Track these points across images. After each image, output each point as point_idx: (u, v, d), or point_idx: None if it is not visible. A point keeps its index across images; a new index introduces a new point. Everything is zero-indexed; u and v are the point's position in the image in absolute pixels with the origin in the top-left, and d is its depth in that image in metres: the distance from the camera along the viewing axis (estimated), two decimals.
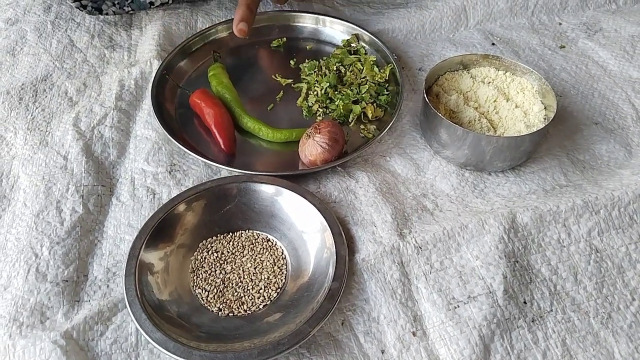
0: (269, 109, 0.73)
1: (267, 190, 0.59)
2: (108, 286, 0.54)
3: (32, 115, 0.72)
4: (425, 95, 0.65)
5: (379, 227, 0.57)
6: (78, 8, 0.83)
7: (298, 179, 0.64)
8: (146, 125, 0.70)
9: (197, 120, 0.71)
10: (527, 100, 0.68)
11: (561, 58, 0.82)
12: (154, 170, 0.64)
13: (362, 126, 0.71)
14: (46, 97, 0.74)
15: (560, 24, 0.89)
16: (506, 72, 0.71)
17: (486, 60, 0.71)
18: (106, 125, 0.69)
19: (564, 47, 0.84)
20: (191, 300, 0.53)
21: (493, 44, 0.84)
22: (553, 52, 0.83)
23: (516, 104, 0.68)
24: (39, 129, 0.70)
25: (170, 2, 0.86)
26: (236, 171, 0.63)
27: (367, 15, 0.88)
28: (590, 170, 0.66)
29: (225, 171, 0.65)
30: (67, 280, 0.53)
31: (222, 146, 0.66)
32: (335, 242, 0.54)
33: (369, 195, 0.61)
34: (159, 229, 0.55)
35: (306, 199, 0.58)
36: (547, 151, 0.68)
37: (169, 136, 0.66)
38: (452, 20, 0.87)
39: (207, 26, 0.83)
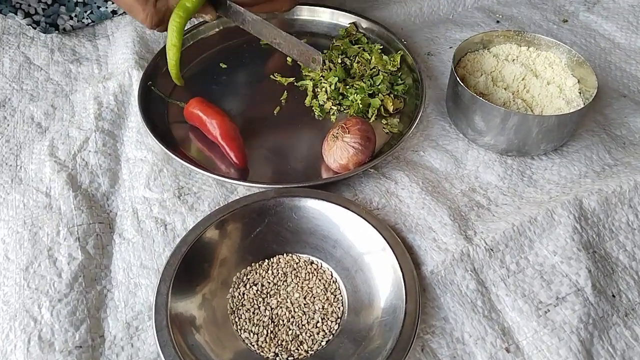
0: (275, 113, 0.65)
1: (300, 204, 0.51)
2: (132, 345, 0.44)
3: None
4: (457, 78, 0.58)
5: (439, 232, 0.50)
6: (30, 25, 0.72)
7: (328, 187, 0.56)
8: (138, 145, 0.59)
9: (195, 133, 0.61)
10: (557, 75, 0.63)
11: (568, 32, 0.78)
12: (158, 196, 0.54)
13: (383, 121, 0.64)
14: (8, 125, 0.63)
15: None
16: (529, 47, 0.66)
17: (506, 37, 0.66)
18: (89, 151, 0.59)
19: (566, 21, 0.80)
20: (238, 348, 0.44)
21: (498, 21, 0.79)
22: (559, 27, 0.79)
23: (547, 81, 0.62)
24: (7, 164, 0.58)
25: None
26: (255, 186, 0.55)
27: (360, 2, 0.81)
28: (631, 146, 0.61)
29: (241, 188, 0.56)
30: (80, 346, 0.43)
31: (235, 159, 0.57)
32: (396, 256, 0.46)
33: (415, 196, 0.53)
34: (186, 267, 0.46)
35: (349, 209, 0.50)
36: (583, 128, 0.63)
37: (171, 154, 0.56)
38: (450, 0, 0.81)
39: (188, 26, 0.73)
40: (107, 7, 0.76)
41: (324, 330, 0.45)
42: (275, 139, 0.62)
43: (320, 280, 0.48)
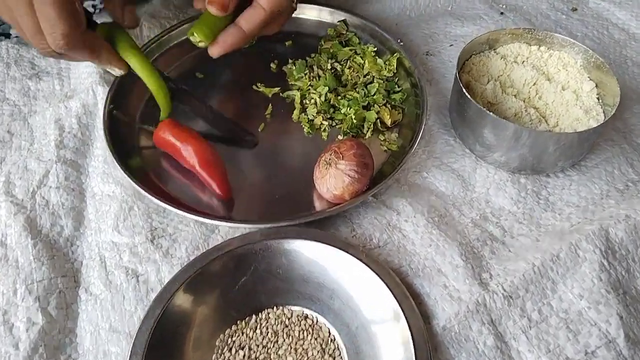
0: (260, 130, 0.58)
1: (291, 247, 0.45)
2: None
3: None
4: (463, 88, 0.51)
5: (450, 277, 0.44)
6: None
7: (322, 221, 0.49)
8: (105, 178, 0.53)
9: (170, 159, 0.54)
10: (572, 78, 0.56)
11: (579, 23, 0.71)
12: (129, 241, 0.48)
13: (380, 136, 0.57)
14: None
15: None
16: (540, 46, 0.59)
17: (514, 36, 0.59)
18: (50, 187, 0.52)
19: (576, 9, 0.73)
20: None
21: (502, 13, 0.72)
22: (568, 17, 0.72)
23: (562, 85, 0.56)
24: None
25: (98, 10, 0.68)
26: (241, 226, 0.48)
27: None
28: None
29: (224, 227, 0.49)
30: None
31: (218, 190, 0.50)
32: (403, 310, 0.40)
33: (421, 230, 0.47)
34: (160, 335, 0.40)
35: (347, 251, 0.44)
36: (601, 137, 0.57)
37: (141, 190, 0.49)
38: None
39: (158, 32, 0.66)
40: None
41: None
42: (261, 162, 0.55)
43: (316, 339, 0.42)
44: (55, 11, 0.43)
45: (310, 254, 0.44)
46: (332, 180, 0.48)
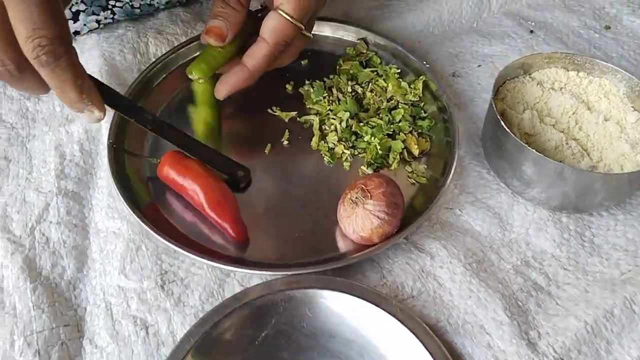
0: (266, 152, 0.54)
1: (315, 298, 0.41)
2: None
3: None
4: (499, 119, 0.47)
5: (494, 335, 0.39)
6: None
7: (348, 267, 0.45)
8: (110, 212, 0.48)
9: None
10: (614, 107, 0.52)
11: (613, 42, 0.67)
12: (137, 286, 0.44)
13: (407, 167, 0.53)
14: None
15: None
16: (579, 72, 0.55)
17: (551, 60, 0.55)
18: (51, 222, 0.48)
19: (609, 27, 0.69)
20: None
21: (531, 31, 0.67)
22: (601, 36, 0.68)
23: (604, 116, 0.52)
24: None
25: (101, 26, 0.63)
26: (257, 273, 0.44)
27: (367, 10, 0.69)
28: None
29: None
30: None
31: (231, 232, 0.46)
32: None
33: (458, 278, 0.43)
34: None
35: (378, 305, 0.39)
36: None
37: (149, 230, 0.45)
38: (474, 4, 0.69)
39: (165, 50, 0.62)
40: None
41: None
42: (278, 195, 0.51)
43: None
44: (40, 8, 0.35)
45: (337, 307, 0.40)
46: (359, 220, 0.44)
